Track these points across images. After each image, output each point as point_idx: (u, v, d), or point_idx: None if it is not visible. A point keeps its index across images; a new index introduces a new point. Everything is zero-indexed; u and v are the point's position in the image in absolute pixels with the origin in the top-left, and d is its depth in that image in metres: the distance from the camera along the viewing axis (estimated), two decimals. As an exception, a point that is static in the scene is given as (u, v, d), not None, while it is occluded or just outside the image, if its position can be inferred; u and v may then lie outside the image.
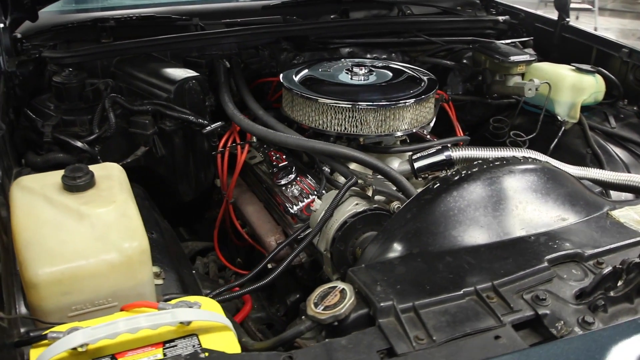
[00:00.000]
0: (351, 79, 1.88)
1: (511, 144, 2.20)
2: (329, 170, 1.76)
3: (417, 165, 1.68)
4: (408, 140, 2.03)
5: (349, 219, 1.42)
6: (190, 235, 2.29)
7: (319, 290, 1.03)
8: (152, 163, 1.93)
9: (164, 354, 1.04)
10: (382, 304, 0.98)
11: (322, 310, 0.98)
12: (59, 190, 1.29)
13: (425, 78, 1.93)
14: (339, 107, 1.70)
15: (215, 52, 2.12)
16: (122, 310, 1.15)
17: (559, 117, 2.20)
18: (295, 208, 1.66)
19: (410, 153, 1.72)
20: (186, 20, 2.16)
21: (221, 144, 1.85)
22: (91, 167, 1.41)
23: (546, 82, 2.19)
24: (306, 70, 1.93)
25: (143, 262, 1.25)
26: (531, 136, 2.19)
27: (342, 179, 1.71)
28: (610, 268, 1.05)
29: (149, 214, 1.64)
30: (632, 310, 1.08)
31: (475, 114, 2.47)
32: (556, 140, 2.16)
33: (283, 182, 1.76)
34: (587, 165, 2.03)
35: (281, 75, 1.89)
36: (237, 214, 1.92)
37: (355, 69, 1.89)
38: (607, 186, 1.70)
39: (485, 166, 1.31)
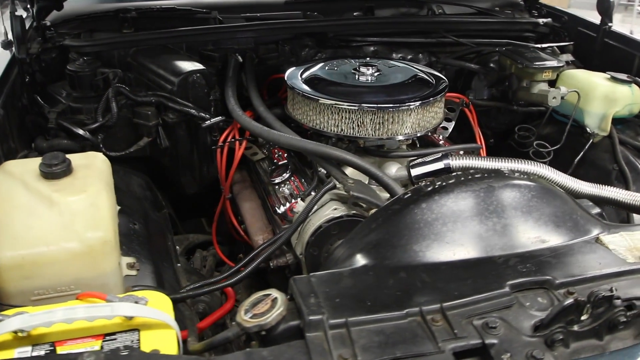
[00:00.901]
0: (358, 79, 1.82)
1: (534, 155, 2.08)
2: (325, 172, 1.72)
3: (413, 172, 1.61)
4: (418, 144, 1.95)
5: (324, 223, 1.38)
6: (210, 226, 2.31)
7: (254, 297, 1.00)
8: (158, 154, 1.96)
9: (102, 347, 1.05)
10: (310, 317, 0.94)
11: (250, 318, 0.95)
12: (37, 176, 1.32)
13: (435, 81, 1.84)
14: (335, 107, 1.66)
15: (231, 46, 2.12)
16: (77, 298, 1.17)
17: (587, 129, 2.05)
18: (282, 208, 1.63)
19: (409, 159, 1.66)
20: (205, 14, 2.17)
21: (221, 139, 1.84)
22: (73, 156, 1.44)
23: (574, 91, 2.04)
24: (313, 69, 1.89)
25: (106, 253, 1.26)
26: (556, 147, 2.06)
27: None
28: (571, 300, 0.95)
29: (139, 205, 1.67)
30: (600, 347, 0.97)
31: (501, 121, 2.34)
32: (582, 153, 2.01)
33: (277, 180, 1.73)
34: (611, 183, 1.89)
35: (287, 73, 1.86)
36: (236, 210, 1.91)
37: (362, 69, 1.83)
38: (622, 207, 1.56)
39: (462, 178, 1.23)
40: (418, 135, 1.78)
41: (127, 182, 1.83)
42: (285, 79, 1.82)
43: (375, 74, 1.84)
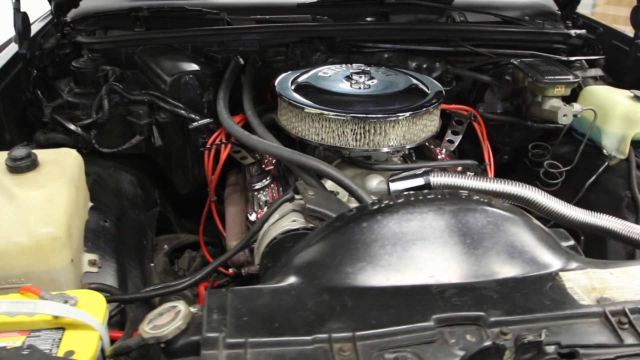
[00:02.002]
0: (350, 86, 1.77)
1: (545, 175, 1.95)
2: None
3: (392, 186, 1.54)
4: (414, 156, 1.88)
5: (279, 235, 1.33)
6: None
7: (162, 307, 0.97)
8: (153, 152, 1.98)
9: (23, 343, 1.06)
10: (207, 334, 0.90)
11: (150, 328, 0.93)
12: (3, 170, 1.36)
13: (431, 91, 1.76)
14: (316, 115, 1.61)
15: (235, 48, 2.11)
16: (19, 292, 1.19)
17: (604, 150, 1.89)
18: (253, 215, 1.60)
19: (392, 173, 1.59)
20: (214, 15, 2.17)
21: (210, 141, 1.84)
22: (45, 151, 1.48)
23: (590, 109, 1.89)
24: (306, 74, 1.84)
25: (55, 249, 1.28)
26: (568, 168, 1.92)
27: (329, 187, 1.62)
28: (489, 342, 0.87)
29: (117, 202, 1.68)
30: (526, 400, 0.88)
31: (516, 137, 2.20)
32: (594, 176, 1.86)
33: (257, 186, 1.71)
34: (621, 211, 1.74)
35: (279, 78, 1.83)
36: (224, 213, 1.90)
37: (355, 77, 1.77)
38: (618, 239, 1.43)
39: (412, 198, 1.15)
40: (408, 147, 1.70)
41: (117, 178, 1.87)
42: (276, 83, 1.79)
43: (369, 82, 1.77)
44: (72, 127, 1.78)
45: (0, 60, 1.77)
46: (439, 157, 1.90)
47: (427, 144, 2.00)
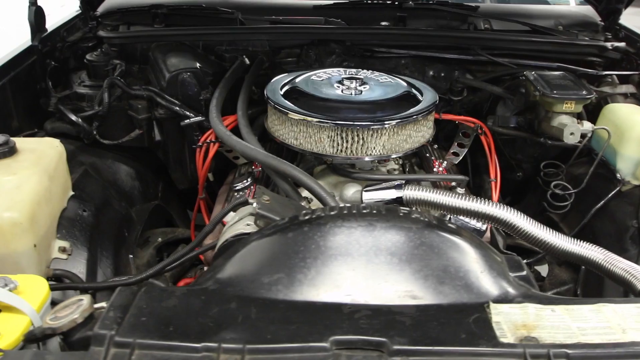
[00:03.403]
0: (342, 92, 1.72)
1: (551, 197, 1.82)
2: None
3: (364, 196, 1.50)
4: (407, 167, 1.81)
5: (230, 238, 1.32)
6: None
7: (70, 300, 0.99)
8: (154, 147, 2.03)
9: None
10: (98, 331, 0.90)
11: (50, 319, 0.95)
12: (-16, 155, 1.44)
13: (424, 100, 1.68)
14: (294, 119, 1.58)
15: (245, 48, 2.12)
16: (-27, 273, 1.25)
17: (618, 174, 1.74)
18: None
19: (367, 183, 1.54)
20: (229, 14, 2.19)
21: (202, 139, 1.85)
22: (27, 140, 1.55)
23: (604, 128, 1.74)
24: (299, 77, 1.82)
25: (15, 234, 1.33)
26: (576, 190, 1.78)
27: (306, 193, 1.60)
28: None
29: (102, 193, 1.73)
30: None
31: (529, 154, 2.07)
32: (602, 202, 1.72)
33: (238, 187, 1.71)
34: (624, 242, 1.59)
35: (274, 79, 1.82)
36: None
37: (346, 82, 1.73)
38: (598, 270, 1.31)
39: (345, 212, 1.10)
40: (394, 156, 1.64)
41: (115, 170, 1.93)
42: (268, 85, 1.78)
43: (360, 88, 1.72)
44: (74, 117, 1.86)
45: (13, 51, 1.88)
46: (435, 169, 1.82)
47: (427, 155, 1.93)
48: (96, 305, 1.01)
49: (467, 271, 1.06)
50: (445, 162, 1.90)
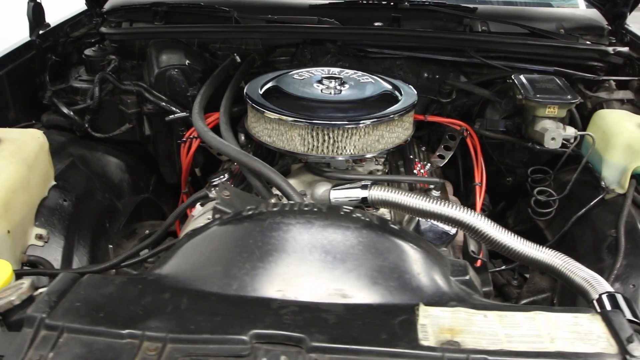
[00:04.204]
0: (321, 91, 1.73)
1: (534, 203, 1.79)
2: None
3: (332, 195, 1.51)
4: (387, 168, 1.81)
5: (190, 231, 1.35)
6: None
7: (15, 282, 1.03)
8: (144, 141, 2.08)
9: None
10: (31, 313, 0.94)
11: (-8, 299, 0.99)
12: (-34, 143, 1.51)
13: (402, 101, 1.68)
14: (267, 117, 1.60)
15: (238, 46, 2.15)
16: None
17: (602, 182, 1.69)
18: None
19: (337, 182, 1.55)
20: (225, 12, 2.22)
21: (187, 134, 1.89)
22: (10, 130, 1.62)
23: (588, 134, 1.70)
24: (281, 76, 1.83)
25: (-17, 220, 1.39)
26: (560, 197, 1.75)
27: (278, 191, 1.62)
28: None
29: (86, 184, 1.79)
30: None
31: (517, 159, 2.03)
32: (583, 210, 1.68)
33: (214, 182, 1.73)
34: (600, 252, 1.56)
35: (257, 78, 1.84)
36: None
37: (325, 81, 1.74)
38: (561, 278, 1.28)
39: (287, 209, 1.11)
40: (368, 156, 1.65)
41: (104, 162, 1.98)
42: (249, 83, 1.80)
43: (340, 87, 1.73)
44: (66, 110, 1.92)
45: (12, 46, 1.95)
46: (415, 171, 1.81)
47: (410, 156, 1.92)
48: (40, 290, 1.05)
49: (403, 272, 1.05)
50: (429, 164, 1.89)
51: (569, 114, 2.00)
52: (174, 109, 1.91)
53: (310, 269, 1.04)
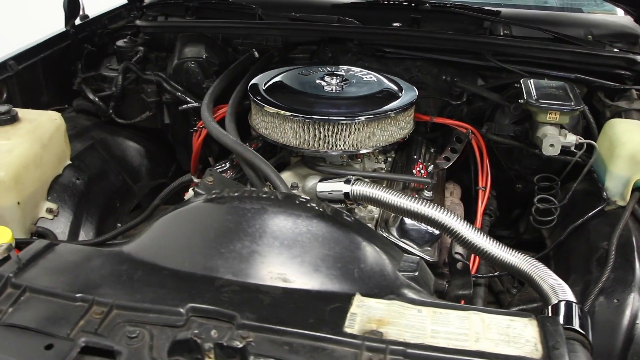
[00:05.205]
0: (323, 88, 1.77)
1: (535, 212, 1.76)
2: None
3: (318, 187, 1.55)
4: (383, 164, 1.84)
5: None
6: None
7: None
8: (164, 128, 2.20)
9: None
10: (5, 274, 1.05)
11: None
12: (-10, 121, 1.66)
13: (401, 99, 1.69)
14: (264, 110, 1.66)
15: (259, 42, 2.23)
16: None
17: (604, 193, 1.64)
18: (193, 194, 1.72)
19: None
20: (250, 9, 2.31)
21: (199, 124, 1.98)
22: (31, 111, 1.75)
23: (590, 142, 1.65)
24: (286, 72, 1.89)
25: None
26: (560, 204, 1.71)
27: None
28: (189, 335, 0.89)
29: (102, 166, 1.91)
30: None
31: (526, 165, 1.98)
32: (580, 221, 1.63)
33: (218, 169, 1.81)
34: (590, 264, 1.51)
35: (266, 72, 1.91)
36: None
37: (327, 78, 1.78)
38: (529, 283, 1.27)
39: (246, 195, 1.17)
40: (363, 152, 1.67)
41: (125, 147, 2.11)
42: (257, 78, 1.86)
43: (340, 84, 1.76)
44: (91, 96, 2.07)
45: (48, 35, 2.12)
46: (414, 171, 1.81)
47: (414, 157, 1.92)
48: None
49: (347, 263, 1.09)
50: (432, 166, 1.88)
51: (581, 121, 1.94)
52: (188, 99, 2.01)
53: (257, 253, 1.09)
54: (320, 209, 1.14)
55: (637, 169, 1.57)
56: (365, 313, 0.99)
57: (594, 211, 1.61)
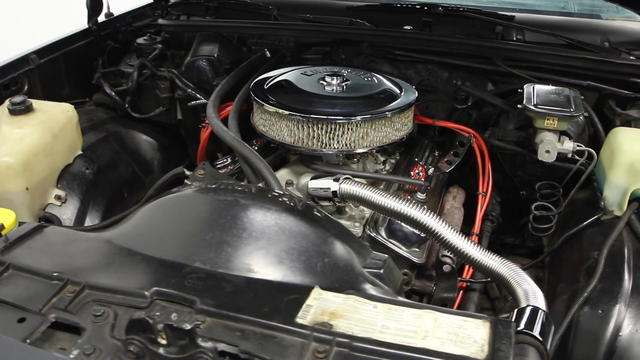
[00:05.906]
0: (324, 88, 1.80)
1: (533, 219, 1.75)
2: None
3: (309, 184, 1.58)
4: (385, 164, 1.85)
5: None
6: None
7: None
8: (177, 123, 2.28)
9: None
10: None
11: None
12: (7, 111, 1.77)
13: (398, 101, 1.71)
14: (263, 108, 1.71)
15: (272, 42, 2.28)
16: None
17: (602, 202, 1.61)
18: (194, 188, 1.77)
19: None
20: (266, 10, 2.36)
21: (207, 120, 2.04)
22: (45, 103, 1.85)
23: (588, 150, 1.63)
24: (289, 72, 1.93)
25: (8, 176, 1.62)
26: (556, 212, 1.69)
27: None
28: (142, 315, 0.93)
29: (113, 157, 2.00)
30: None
31: (529, 172, 1.95)
32: (574, 230, 1.60)
33: (218, 164, 1.87)
34: (578, 273, 1.49)
35: (271, 72, 1.95)
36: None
37: (327, 79, 1.80)
38: (506, 288, 1.27)
39: (222, 187, 1.21)
40: (358, 152, 1.69)
41: (138, 140, 2.20)
42: (261, 77, 1.91)
43: (342, 85, 1.79)
44: (108, 90, 2.16)
45: (72, 31, 2.23)
46: (412, 173, 1.82)
47: (415, 159, 1.93)
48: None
49: (310, 256, 1.11)
50: (432, 168, 1.88)
51: (588, 129, 1.91)
52: (198, 96, 2.08)
53: (226, 243, 1.13)
54: (291, 204, 1.18)
55: (635, 178, 1.53)
56: (321, 305, 1.02)
57: (589, 220, 1.58)
